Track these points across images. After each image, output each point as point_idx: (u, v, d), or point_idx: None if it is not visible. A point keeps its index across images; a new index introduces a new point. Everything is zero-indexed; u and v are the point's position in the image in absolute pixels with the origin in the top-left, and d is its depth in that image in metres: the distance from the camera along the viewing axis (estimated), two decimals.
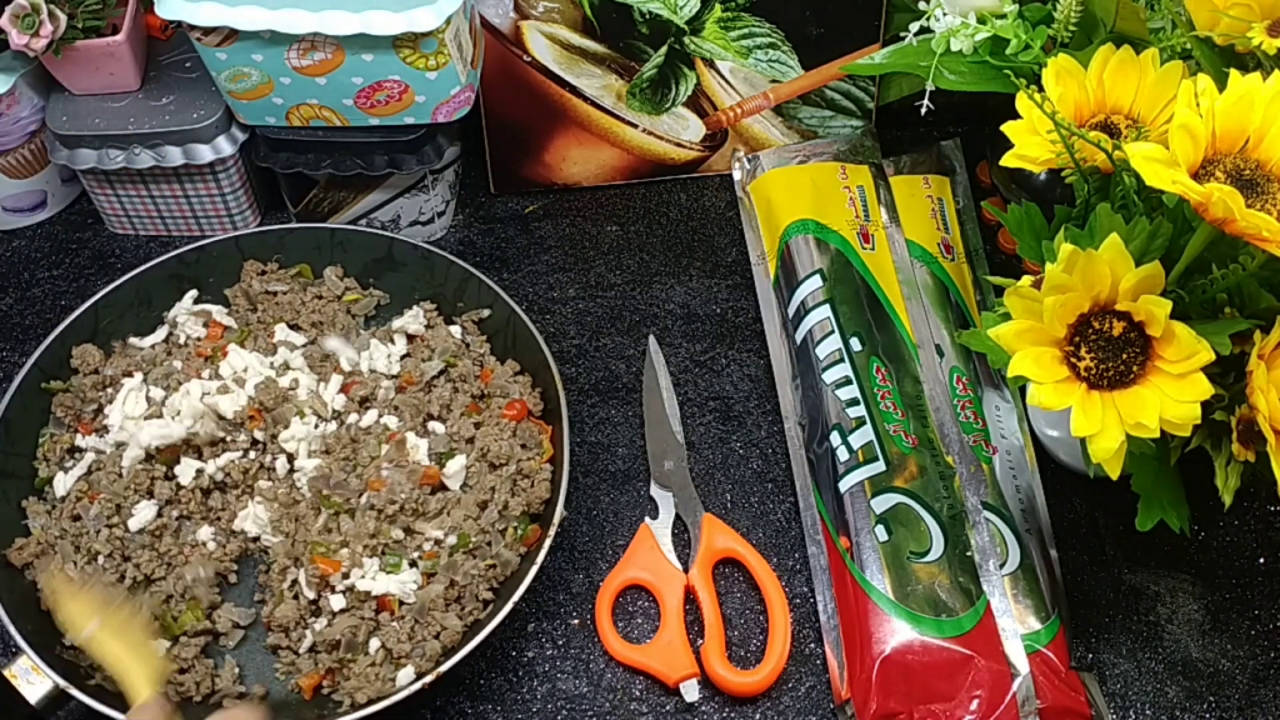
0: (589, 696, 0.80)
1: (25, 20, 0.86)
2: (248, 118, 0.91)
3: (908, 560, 0.80)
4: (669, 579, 0.83)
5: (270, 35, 0.82)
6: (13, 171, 0.96)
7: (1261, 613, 0.83)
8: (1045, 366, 0.65)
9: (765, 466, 0.89)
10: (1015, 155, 0.71)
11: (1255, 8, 0.68)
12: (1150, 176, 0.60)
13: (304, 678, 0.76)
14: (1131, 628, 0.83)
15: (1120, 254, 0.63)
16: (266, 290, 0.91)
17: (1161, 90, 0.72)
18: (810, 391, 0.88)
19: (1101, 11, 0.80)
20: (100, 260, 0.99)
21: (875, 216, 0.94)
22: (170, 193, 0.96)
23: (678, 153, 1.02)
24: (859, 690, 0.77)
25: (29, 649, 0.73)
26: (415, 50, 0.83)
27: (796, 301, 0.91)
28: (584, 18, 0.94)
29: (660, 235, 1.02)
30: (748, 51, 0.97)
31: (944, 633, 0.77)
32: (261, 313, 0.91)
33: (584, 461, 0.89)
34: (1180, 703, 0.80)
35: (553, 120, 0.99)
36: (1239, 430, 0.65)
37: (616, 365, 0.94)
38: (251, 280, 0.92)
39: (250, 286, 0.91)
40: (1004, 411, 0.89)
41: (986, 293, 0.94)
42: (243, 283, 0.92)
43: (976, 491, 0.84)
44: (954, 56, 0.84)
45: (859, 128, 1.02)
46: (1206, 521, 0.86)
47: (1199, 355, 0.62)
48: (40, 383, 0.85)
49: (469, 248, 1.00)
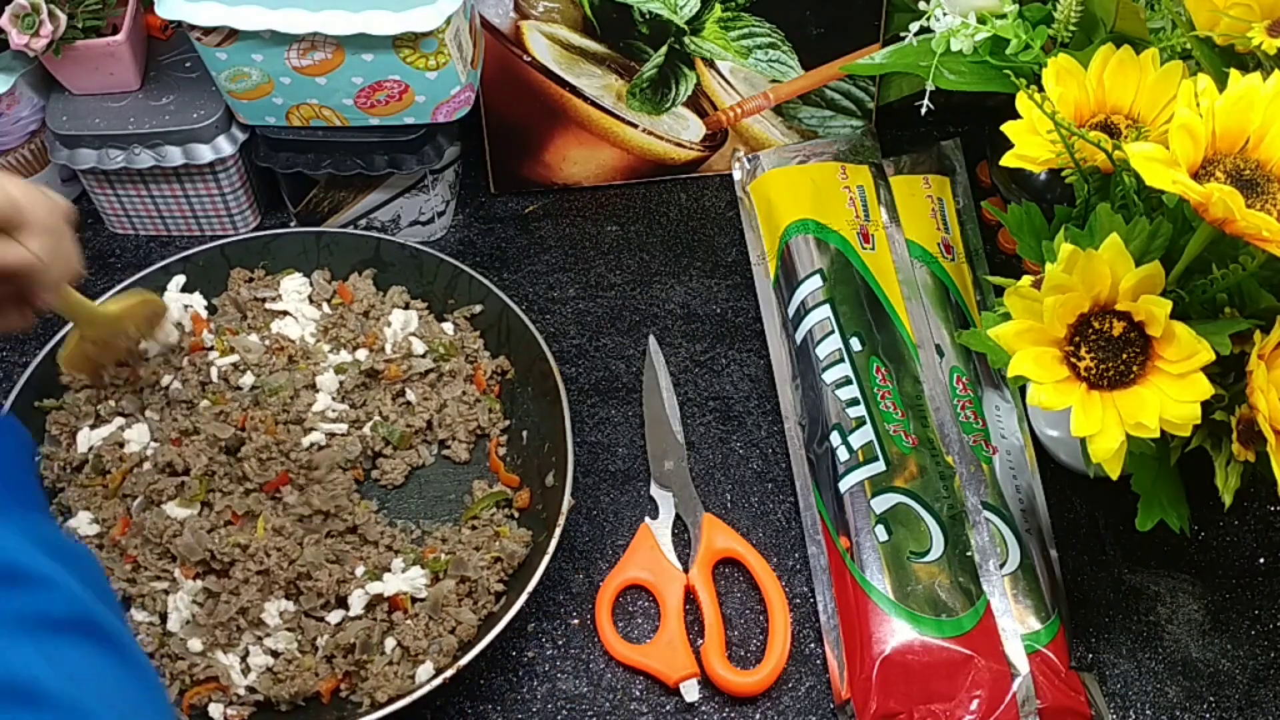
0: (589, 696, 0.80)
1: (25, 20, 0.86)
2: (248, 118, 0.91)
3: (908, 560, 0.80)
4: (669, 579, 0.83)
5: (270, 35, 0.82)
6: (13, 171, 0.96)
7: (1261, 613, 0.83)
8: (1045, 366, 0.65)
9: (765, 466, 0.89)
10: (1015, 155, 0.71)
11: (1255, 8, 0.68)
12: (1150, 176, 0.60)
13: (321, 682, 0.76)
14: (1131, 628, 0.82)
15: (1120, 254, 0.63)
16: (255, 297, 0.91)
17: (1161, 90, 0.72)
18: (810, 391, 0.88)
19: (1101, 11, 0.80)
20: (100, 260, 0.99)
21: (875, 216, 0.94)
22: (170, 193, 0.96)
23: (678, 153, 1.02)
24: (859, 690, 0.77)
25: None
26: (415, 50, 0.83)
27: (796, 301, 0.91)
28: (584, 18, 0.94)
29: (660, 235, 1.02)
30: (748, 51, 0.97)
31: (944, 633, 0.77)
32: (251, 319, 0.91)
33: (584, 461, 0.89)
34: (1180, 703, 0.80)
35: (553, 120, 0.99)
36: (1239, 430, 0.65)
37: (616, 365, 0.94)
38: (239, 288, 0.92)
39: (239, 294, 0.91)
40: (1004, 411, 0.89)
41: (986, 293, 0.94)
42: (230, 291, 0.92)
43: (976, 491, 0.84)
44: (954, 56, 0.84)
45: (859, 128, 1.02)
46: (1206, 521, 0.86)
47: (1199, 355, 0.62)
48: (33, 402, 0.85)
49: (469, 248, 1.00)
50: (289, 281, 0.91)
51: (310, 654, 0.77)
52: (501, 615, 0.76)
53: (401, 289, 0.92)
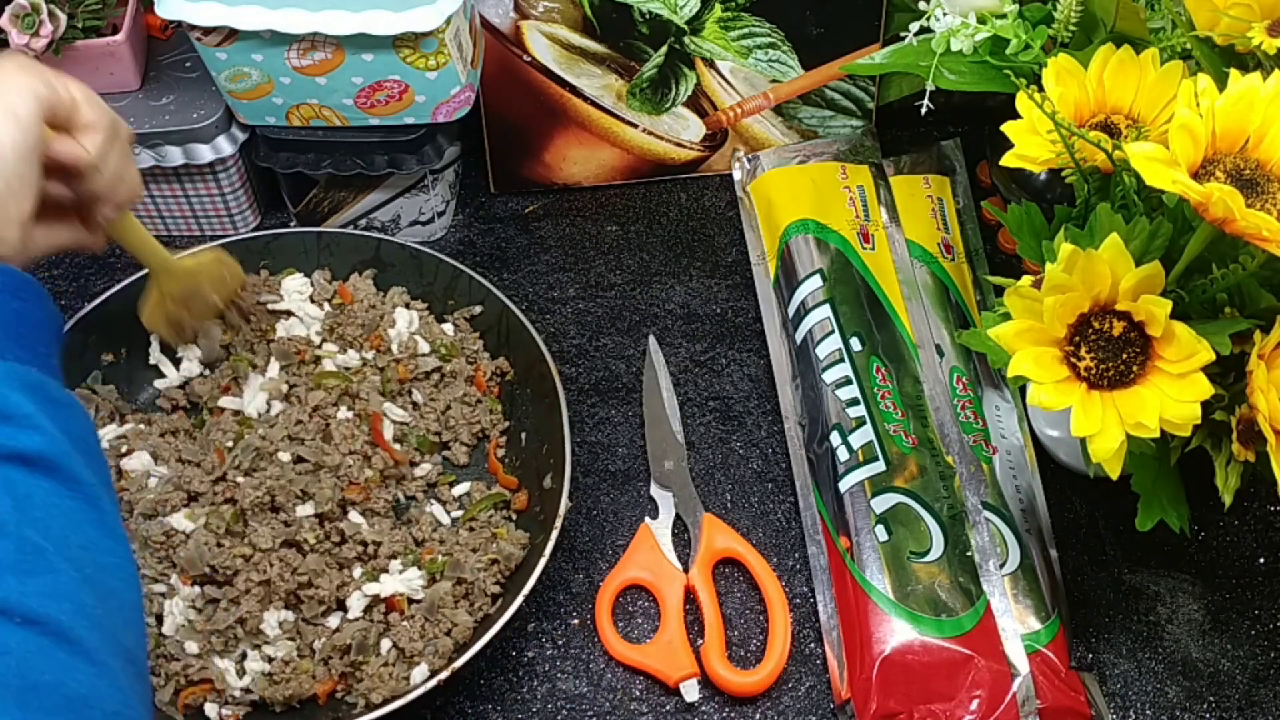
0: (589, 696, 0.80)
1: (25, 20, 0.86)
2: (248, 118, 0.91)
3: (908, 560, 0.80)
4: (669, 579, 0.83)
5: (270, 35, 0.82)
6: None
7: (1261, 613, 0.83)
8: (1045, 366, 0.65)
9: (765, 466, 0.89)
10: (1015, 155, 0.71)
11: (1255, 8, 0.68)
12: (1150, 176, 0.60)
13: (318, 685, 0.76)
14: (1131, 628, 0.82)
15: (1120, 254, 0.63)
16: (258, 301, 0.91)
17: (1161, 90, 0.72)
18: (810, 391, 0.88)
19: (1101, 11, 0.80)
20: (100, 260, 0.99)
21: (875, 216, 0.94)
22: (170, 193, 0.96)
23: (678, 153, 1.02)
24: (859, 690, 0.77)
25: None
26: (415, 50, 0.83)
27: (796, 301, 0.91)
28: (584, 18, 0.94)
29: (660, 235, 1.02)
30: (748, 51, 0.97)
31: (944, 633, 0.77)
32: (255, 324, 0.90)
33: (584, 461, 0.89)
34: (1180, 703, 0.80)
35: (553, 120, 0.99)
36: (1239, 430, 0.65)
37: (616, 365, 0.94)
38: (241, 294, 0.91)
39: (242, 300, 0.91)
40: (1004, 411, 0.89)
41: (986, 293, 0.94)
42: None
43: (976, 491, 0.84)
44: (954, 56, 0.84)
45: (859, 128, 1.02)
46: (1206, 521, 0.86)
47: (1199, 355, 0.62)
48: None
49: (469, 248, 1.00)
50: (290, 281, 0.91)
51: (309, 658, 0.77)
52: (498, 617, 0.76)
53: (402, 289, 0.92)
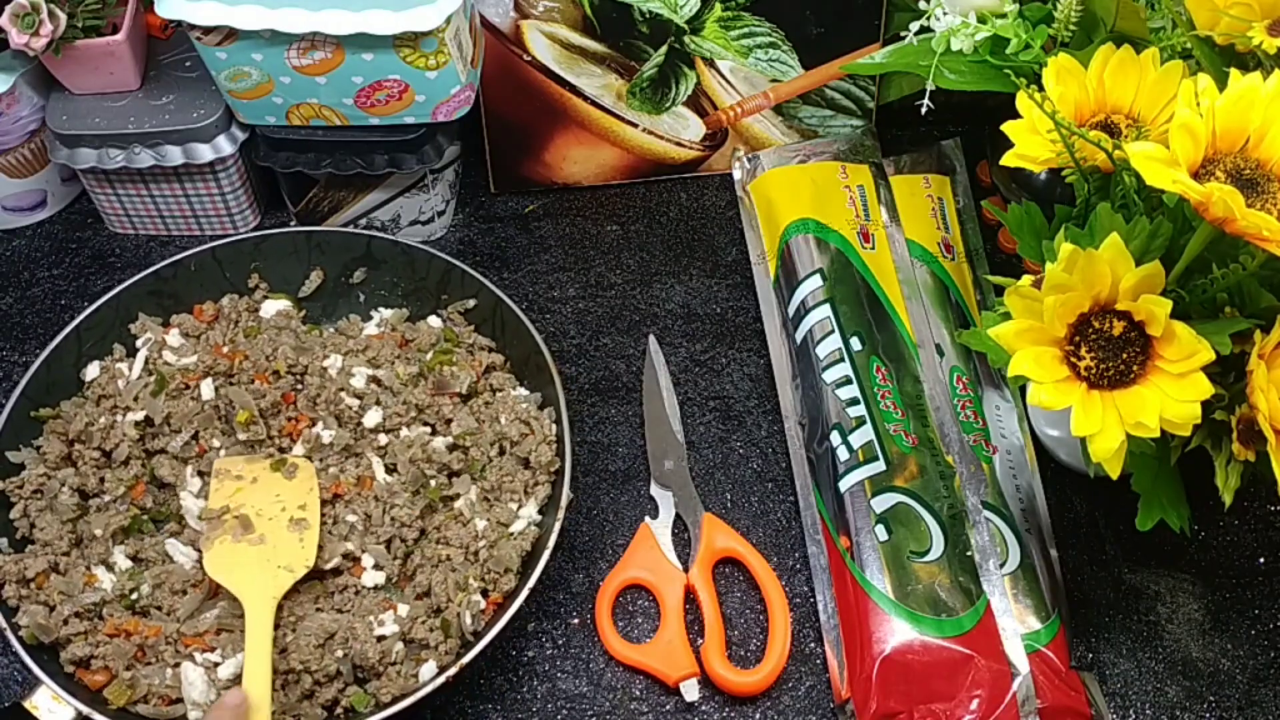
0: (589, 696, 0.80)
1: (25, 19, 0.86)
2: (248, 117, 0.91)
3: (908, 560, 0.80)
4: (669, 578, 0.83)
5: (270, 35, 0.82)
6: (13, 171, 0.96)
7: (1261, 613, 0.83)
8: (1045, 366, 0.65)
9: (765, 466, 0.89)
10: (1015, 155, 0.71)
11: (1255, 7, 0.68)
12: (1150, 176, 0.60)
13: None
14: (1131, 628, 0.83)
15: (1120, 253, 0.63)
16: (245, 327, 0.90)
17: (1162, 90, 0.72)
18: (810, 391, 0.88)
19: (1102, 11, 0.80)
20: (100, 260, 0.99)
21: (875, 216, 0.94)
22: (170, 192, 0.96)
23: (678, 152, 1.02)
24: (859, 690, 0.77)
25: (47, 679, 0.72)
26: (415, 49, 0.83)
27: (796, 301, 0.91)
28: (584, 17, 0.94)
29: (660, 235, 1.02)
30: (748, 51, 0.97)
31: (944, 632, 0.77)
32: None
33: (584, 461, 0.89)
34: (1180, 703, 0.80)
35: (553, 120, 0.99)
36: (1239, 430, 0.65)
37: (616, 365, 0.94)
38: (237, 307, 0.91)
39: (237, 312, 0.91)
40: (1004, 411, 0.89)
41: (986, 292, 0.94)
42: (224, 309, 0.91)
43: (976, 491, 0.84)
44: (954, 56, 0.84)
45: (859, 127, 1.02)
46: (1206, 521, 0.86)
47: (1199, 355, 0.62)
48: (29, 411, 0.83)
49: (469, 247, 1.00)
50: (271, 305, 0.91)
51: None
52: (501, 614, 0.76)
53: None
